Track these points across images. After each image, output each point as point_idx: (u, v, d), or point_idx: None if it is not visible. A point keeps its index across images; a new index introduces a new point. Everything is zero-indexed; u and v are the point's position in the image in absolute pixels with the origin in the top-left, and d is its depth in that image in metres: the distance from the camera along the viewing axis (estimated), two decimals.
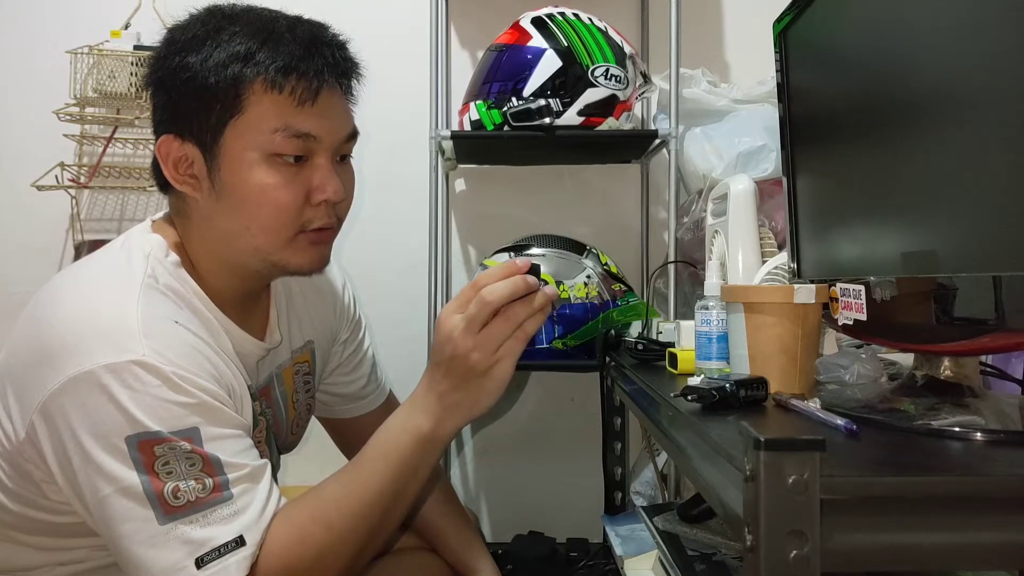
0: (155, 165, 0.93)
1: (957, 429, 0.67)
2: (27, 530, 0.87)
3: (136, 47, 1.76)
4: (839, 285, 0.83)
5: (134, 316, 0.80)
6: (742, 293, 0.89)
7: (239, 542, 0.77)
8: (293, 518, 0.82)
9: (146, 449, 0.76)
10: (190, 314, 0.88)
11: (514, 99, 1.45)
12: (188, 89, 0.86)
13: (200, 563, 0.75)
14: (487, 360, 0.82)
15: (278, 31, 0.87)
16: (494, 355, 0.82)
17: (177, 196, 0.93)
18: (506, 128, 1.46)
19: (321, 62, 0.88)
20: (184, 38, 0.88)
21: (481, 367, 0.82)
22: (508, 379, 0.84)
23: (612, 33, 1.51)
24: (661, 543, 1.09)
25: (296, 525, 0.81)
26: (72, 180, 1.81)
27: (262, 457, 0.86)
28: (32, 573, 0.89)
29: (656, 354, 1.19)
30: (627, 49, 1.51)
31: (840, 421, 0.68)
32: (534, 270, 0.84)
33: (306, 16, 0.93)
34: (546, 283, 0.87)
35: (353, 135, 0.95)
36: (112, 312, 0.81)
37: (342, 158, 0.95)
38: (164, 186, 0.94)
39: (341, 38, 0.93)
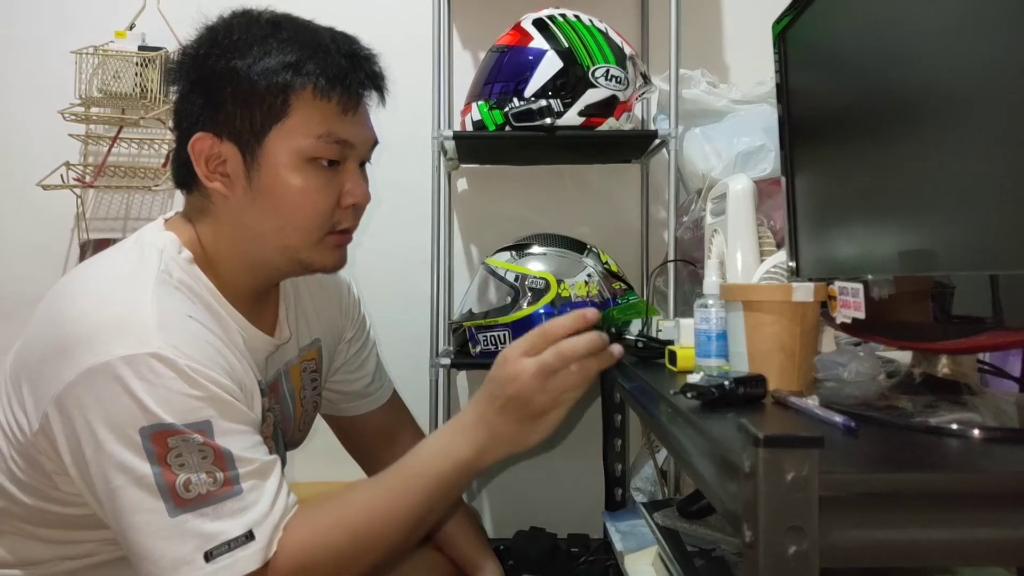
0: (177, 162, 0.95)
1: (955, 426, 0.67)
2: (38, 523, 0.88)
3: (141, 47, 1.77)
4: (837, 283, 0.83)
5: (149, 310, 0.81)
6: (741, 292, 0.89)
7: (248, 536, 0.78)
8: (315, 520, 0.83)
9: (159, 441, 0.77)
10: (202, 309, 0.89)
11: (515, 100, 1.46)
12: (234, 92, 0.89)
13: (209, 556, 0.76)
14: (549, 405, 0.84)
15: (323, 42, 0.91)
16: (555, 401, 0.84)
17: (200, 194, 0.94)
18: (508, 128, 1.47)
19: (362, 74, 0.93)
20: (228, 41, 0.90)
21: (540, 411, 0.84)
22: (559, 423, 0.86)
23: (612, 34, 1.51)
24: (661, 539, 1.09)
25: (317, 529, 0.82)
26: (77, 179, 1.82)
27: (270, 453, 0.86)
28: (40, 567, 0.90)
29: (656, 352, 1.20)
30: (627, 50, 1.52)
31: (838, 418, 0.68)
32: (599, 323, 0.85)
33: (314, 18, 0.96)
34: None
35: (375, 143, 0.99)
36: (127, 306, 0.82)
37: (361, 164, 0.98)
38: (185, 183, 0.95)
39: (373, 51, 0.97)
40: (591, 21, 1.51)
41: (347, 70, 0.91)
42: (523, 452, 0.87)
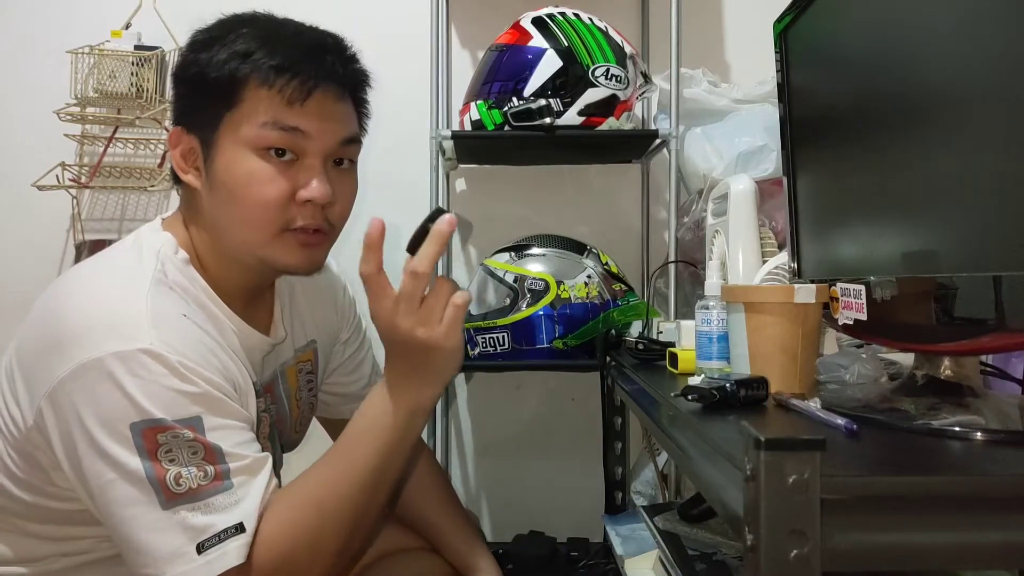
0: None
1: (957, 429, 0.67)
2: (35, 519, 0.89)
3: (137, 47, 1.76)
4: (839, 285, 0.83)
5: (144, 308, 0.82)
6: (742, 293, 0.89)
7: (239, 528, 0.79)
8: (284, 502, 0.84)
9: (149, 436, 0.78)
10: (198, 309, 0.90)
11: (515, 99, 1.45)
12: (195, 84, 0.92)
13: (200, 548, 0.77)
14: (434, 331, 0.85)
15: (283, 35, 0.92)
16: (440, 324, 0.85)
17: (187, 189, 0.96)
18: (507, 128, 1.46)
19: (317, 66, 0.91)
20: (202, 38, 0.93)
21: (432, 340, 0.85)
22: (460, 341, 0.87)
23: (612, 33, 1.51)
24: (661, 543, 1.09)
25: (288, 508, 0.83)
26: (73, 180, 1.81)
27: (265, 454, 0.87)
28: (37, 564, 0.91)
29: (656, 354, 1.19)
30: (627, 49, 1.51)
31: (840, 421, 0.68)
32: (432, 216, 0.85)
33: (315, 18, 0.97)
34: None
35: (351, 140, 0.96)
36: (122, 304, 0.83)
37: (340, 162, 0.96)
38: (175, 179, 0.97)
39: (350, 50, 0.97)
40: (591, 20, 1.50)
41: (296, 59, 0.89)
42: (450, 380, 0.92)
